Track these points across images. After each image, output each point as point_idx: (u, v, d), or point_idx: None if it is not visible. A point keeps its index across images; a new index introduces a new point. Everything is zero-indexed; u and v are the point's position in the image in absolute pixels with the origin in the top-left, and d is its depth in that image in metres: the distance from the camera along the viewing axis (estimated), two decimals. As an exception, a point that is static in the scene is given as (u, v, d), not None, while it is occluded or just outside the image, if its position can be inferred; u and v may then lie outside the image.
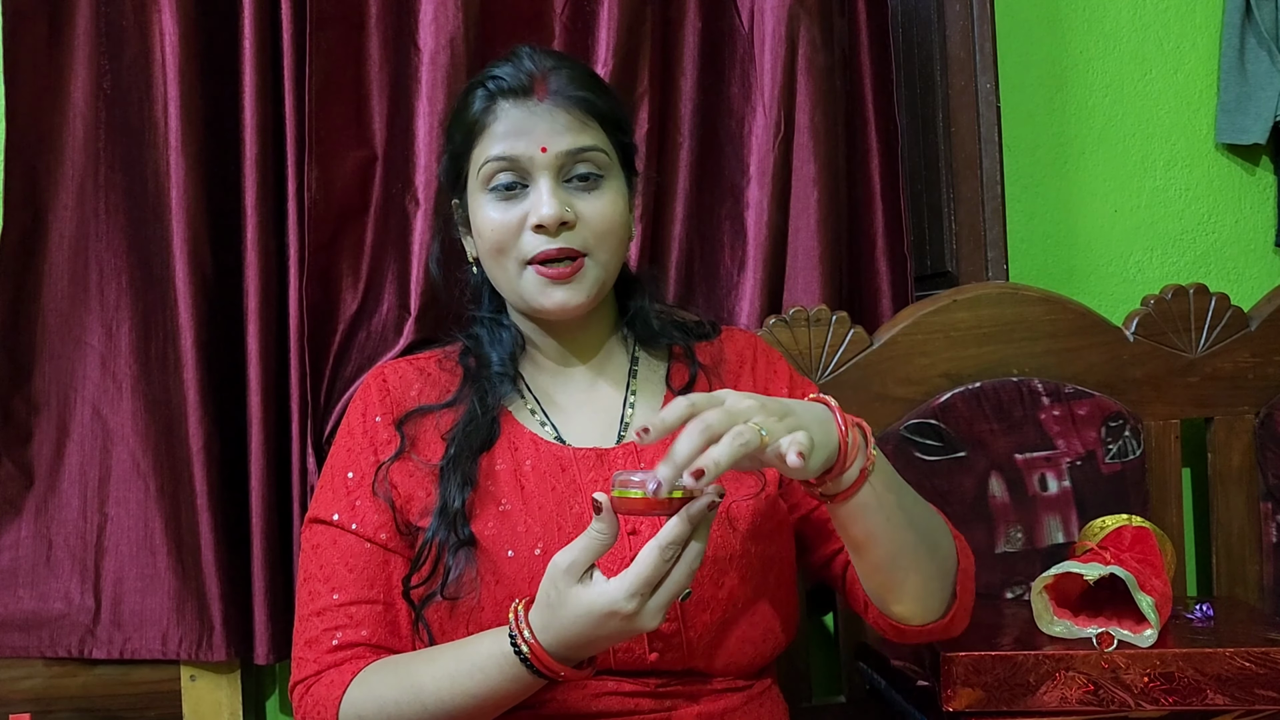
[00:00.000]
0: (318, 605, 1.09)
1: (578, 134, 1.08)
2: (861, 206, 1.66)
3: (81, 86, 1.47)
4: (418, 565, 1.07)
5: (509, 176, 1.08)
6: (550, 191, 1.07)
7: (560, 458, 1.11)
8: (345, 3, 1.47)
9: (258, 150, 1.45)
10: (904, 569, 1.02)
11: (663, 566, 0.88)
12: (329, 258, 1.48)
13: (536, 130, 1.07)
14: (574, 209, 1.08)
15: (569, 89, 1.09)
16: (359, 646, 1.07)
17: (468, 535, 1.06)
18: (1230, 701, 1.18)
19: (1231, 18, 1.78)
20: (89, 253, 1.48)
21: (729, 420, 0.85)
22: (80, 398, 1.49)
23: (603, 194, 1.10)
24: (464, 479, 1.08)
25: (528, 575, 1.04)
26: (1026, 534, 1.53)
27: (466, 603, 1.05)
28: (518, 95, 1.08)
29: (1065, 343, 1.55)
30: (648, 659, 1.05)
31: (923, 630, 1.08)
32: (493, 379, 1.14)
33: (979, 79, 1.59)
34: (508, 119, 1.08)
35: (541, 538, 1.06)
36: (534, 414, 1.15)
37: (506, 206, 1.09)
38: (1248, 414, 1.59)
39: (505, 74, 1.09)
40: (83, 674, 1.50)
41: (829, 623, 1.60)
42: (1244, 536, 1.59)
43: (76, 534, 1.48)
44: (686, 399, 0.86)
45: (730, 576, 1.07)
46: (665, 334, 1.20)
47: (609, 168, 1.11)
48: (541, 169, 1.07)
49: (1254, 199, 1.84)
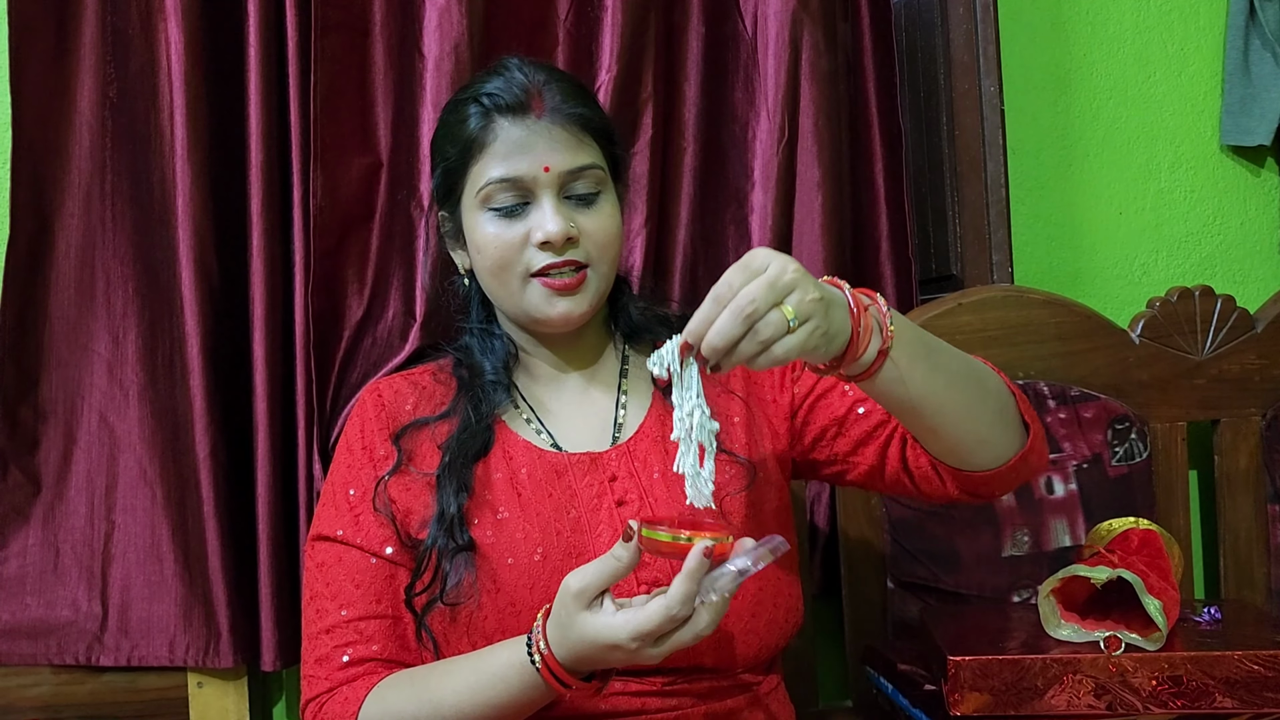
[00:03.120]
0: (326, 623, 1.09)
1: (576, 152, 1.09)
2: (866, 210, 1.66)
3: (87, 95, 1.48)
4: (419, 573, 1.08)
5: (510, 197, 1.09)
6: (554, 209, 1.08)
7: (555, 464, 1.12)
8: (350, 9, 1.47)
9: (263, 157, 1.46)
10: (955, 424, 1.01)
11: (670, 624, 0.89)
12: (334, 264, 1.48)
13: (537, 149, 1.08)
14: (576, 224, 1.09)
15: (565, 105, 1.10)
16: (371, 662, 1.07)
17: (466, 540, 1.06)
18: (1239, 704, 1.17)
19: (1235, 19, 1.77)
20: (95, 260, 1.49)
21: (770, 293, 0.84)
22: (87, 405, 1.49)
23: (601, 208, 1.11)
24: (459, 485, 1.09)
25: (528, 582, 1.05)
26: (1033, 537, 1.53)
27: (468, 609, 1.06)
28: (515, 112, 1.09)
29: (1071, 345, 1.54)
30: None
31: (1006, 470, 1.04)
32: (486, 388, 1.15)
33: (983, 82, 1.59)
34: (507, 137, 1.09)
35: (540, 544, 1.07)
36: (529, 422, 1.16)
37: (508, 224, 1.09)
38: (1254, 416, 1.58)
39: (499, 89, 1.10)
40: (90, 681, 1.50)
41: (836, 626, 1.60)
42: (1251, 539, 1.59)
43: (84, 541, 1.48)
44: (713, 293, 0.86)
45: None
46: (649, 328, 1.21)
47: (605, 183, 1.13)
48: (544, 187, 1.08)
49: (1259, 201, 1.84)
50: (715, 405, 1.15)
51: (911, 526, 1.52)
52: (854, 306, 0.90)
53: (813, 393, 1.16)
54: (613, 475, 1.11)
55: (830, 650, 1.62)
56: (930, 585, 1.52)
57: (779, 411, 1.17)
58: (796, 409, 1.17)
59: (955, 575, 1.52)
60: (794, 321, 0.85)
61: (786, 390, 1.18)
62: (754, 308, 0.84)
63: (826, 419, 1.15)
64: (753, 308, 0.84)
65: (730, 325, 0.84)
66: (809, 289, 0.86)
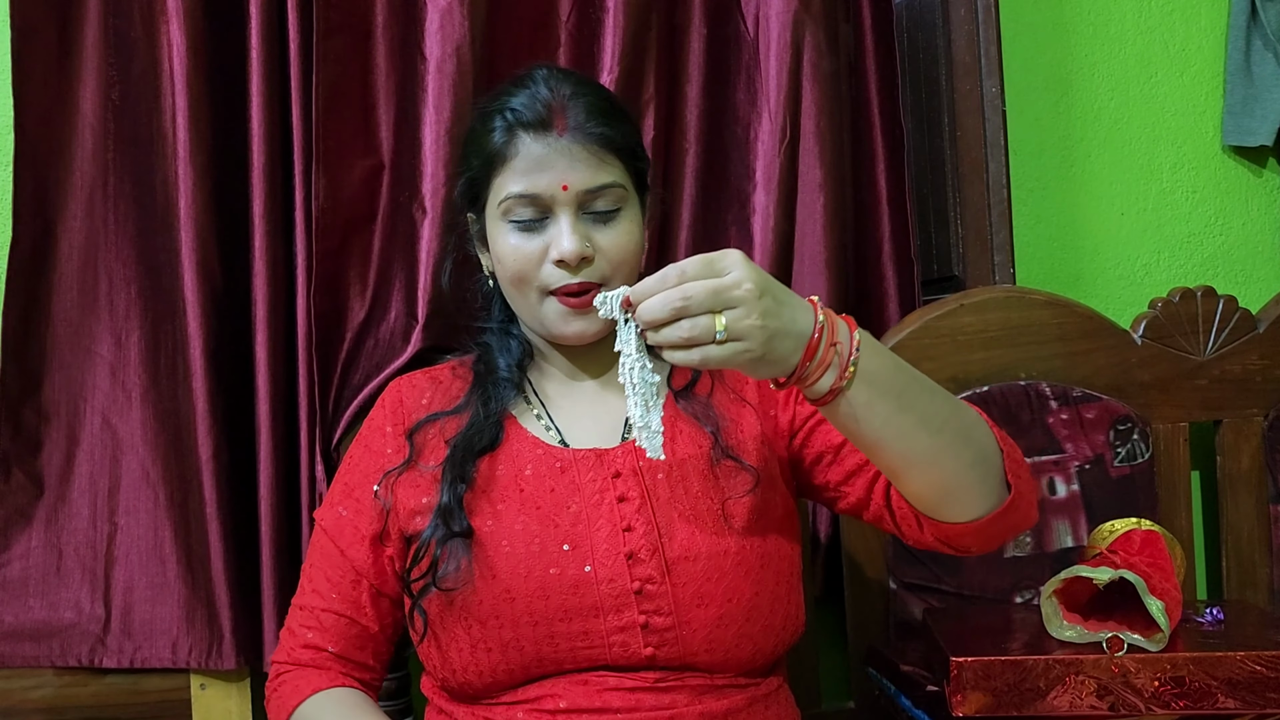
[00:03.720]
0: (303, 599, 1.18)
1: (596, 171, 1.10)
2: (867, 211, 1.66)
3: (90, 97, 1.48)
4: (418, 559, 1.10)
5: (529, 212, 1.10)
6: (571, 227, 1.09)
7: (561, 459, 1.13)
8: (352, 12, 1.47)
9: (265, 159, 1.46)
10: (921, 468, 0.99)
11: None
12: (337, 266, 1.48)
13: (557, 166, 1.09)
14: (593, 242, 1.10)
15: (588, 124, 1.10)
16: (324, 653, 1.15)
17: (463, 527, 1.09)
18: (1241, 705, 1.17)
19: (1237, 20, 1.78)
20: (98, 263, 1.49)
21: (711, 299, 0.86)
22: (90, 407, 1.49)
23: (620, 224, 1.12)
24: (458, 476, 1.11)
25: (523, 570, 1.07)
26: (1035, 538, 1.53)
27: (463, 594, 1.07)
28: (537, 129, 1.10)
29: (1072, 346, 1.54)
30: (643, 653, 1.06)
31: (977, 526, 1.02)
32: (498, 384, 1.17)
33: (984, 83, 1.59)
34: (528, 154, 1.10)
35: (538, 534, 1.08)
36: (539, 418, 1.17)
37: (527, 237, 1.11)
38: (1256, 416, 1.58)
39: (523, 105, 1.11)
40: (93, 683, 1.50)
41: (838, 627, 1.60)
42: (1254, 539, 1.59)
43: (86, 543, 1.48)
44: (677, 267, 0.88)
45: (727, 573, 1.08)
46: None
47: (626, 200, 1.13)
48: (562, 204, 1.09)
49: (1261, 201, 1.84)
50: (726, 412, 1.16)
51: (914, 527, 1.52)
52: (815, 342, 0.91)
53: (813, 417, 1.16)
54: (617, 471, 1.12)
55: (832, 651, 1.62)
56: (932, 586, 1.52)
57: (779, 428, 1.18)
58: (796, 430, 1.17)
59: (957, 576, 1.52)
60: (721, 335, 0.86)
61: (788, 409, 1.18)
62: (686, 305, 0.86)
63: (822, 445, 1.16)
64: (684, 304, 0.86)
65: (659, 309, 0.87)
66: (753, 312, 0.87)
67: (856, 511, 1.16)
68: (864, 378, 0.93)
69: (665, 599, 1.06)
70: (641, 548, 1.07)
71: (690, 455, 1.13)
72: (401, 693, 1.44)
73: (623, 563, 1.06)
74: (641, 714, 1.06)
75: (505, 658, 1.06)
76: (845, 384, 0.93)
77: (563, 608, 1.05)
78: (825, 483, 1.16)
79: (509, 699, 1.08)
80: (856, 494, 1.14)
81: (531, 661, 1.06)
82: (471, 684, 1.08)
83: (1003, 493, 1.03)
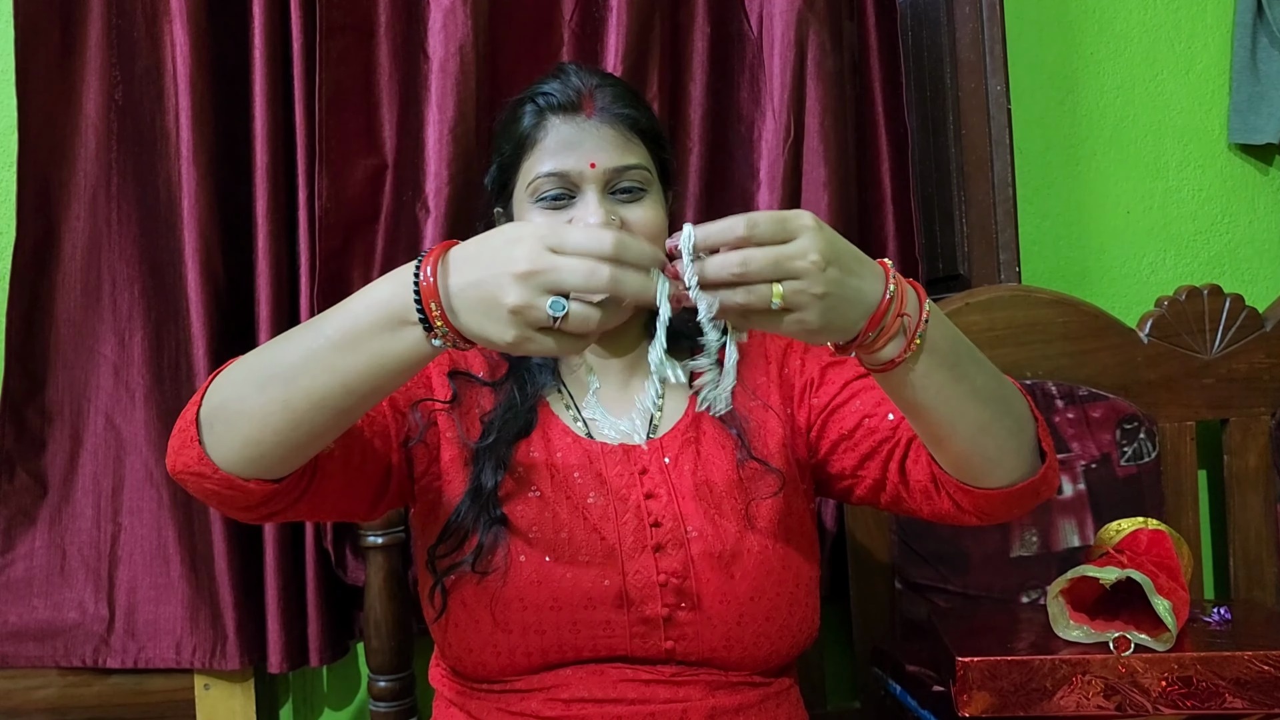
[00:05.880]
0: None
1: (623, 151, 1.12)
2: (872, 210, 1.66)
3: (93, 97, 1.48)
4: (444, 537, 1.10)
5: (557, 190, 1.12)
6: (598, 202, 1.10)
7: (589, 451, 1.14)
8: (355, 11, 1.47)
9: (268, 159, 1.46)
10: (966, 437, 0.99)
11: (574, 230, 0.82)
12: (340, 265, 1.48)
13: (585, 145, 1.11)
14: (619, 216, 1.11)
15: (615, 106, 1.13)
16: None
17: (499, 515, 1.09)
18: (1249, 705, 1.17)
19: (1243, 17, 1.77)
20: (101, 262, 1.49)
21: (772, 269, 0.83)
22: (93, 407, 1.49)
23: (645, 204, 1.13)
24: (498, 462, 1.11)
25: (553, 556, 1.08)
26: (1041, 538, 1.52)
27: (494, 579, 1.08)
28: (567, 111, 1.12)
29: (1079, 345, 1.54)
30: (663, 646, 1.07)
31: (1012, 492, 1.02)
32: (533, 369, 1.18)
33: (989, 81, 1.58)
34: (557, 134, 1.12)
35: (568, 522, 1.09)
36: (568, 409, 1.18)
37: (554, 215, 1.12)
38: (1263, 415, 1.58)
39: (554, 90, 1.13)
40: (97, 683, 1.50)
41: (844, 627, 1.60)
42: (1261, 538, 1.58)
43: (90, 543, 1.48)
44: (747, 219, 0.83)
45: (750, 572, 1.08)
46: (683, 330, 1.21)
47: (650, 183, 1.14)
48: (589, 182, 1.11)
49: (1268, 199, 1.83)
50: (751, 415, 1.17)
51: (919, 528, 1.51)
52: (881, 312, 0.88)
53: (827, 408, 1.17)
54: (644, 468, 1.13)
55: (838, 652, 1.62)
56: (938, 586, 1.52)
57: (797, 427, 1.19)
58: (812, 424, 1.18)
59: (963, 576, 1.52)
60: (776, 304, 0.84)
61: (804, 406, 1.19)
62: (744, 270, 0.83)
63: (837, 433, 1.16)
64: (743, 270, 0.83)
65: (716, 270, 0.83)
66: (815, 284, 0.84)
67: (874, 495, 1.15)
68: (928, 348, 0.92)
69: (689, 595, 1.07)
70: (669, 543, 1.08)
71: (715, 457, 1.14)
72: (405, 693, 1.44)
73: (650, 556, 1.07)
74: (654, 706, 1.07)
75: (525, 641, 1.06)
76: (910, 355, 0.91)
77: (589, 595, 1.06)
78: (841, 470, 1.16)
79: (524, 686, 1.08)
80: (873, 475, 1.13)
81: (551, 647, 1.06)
82: (487, 664, 1.08)
83: (1035, 461, 1.03)
